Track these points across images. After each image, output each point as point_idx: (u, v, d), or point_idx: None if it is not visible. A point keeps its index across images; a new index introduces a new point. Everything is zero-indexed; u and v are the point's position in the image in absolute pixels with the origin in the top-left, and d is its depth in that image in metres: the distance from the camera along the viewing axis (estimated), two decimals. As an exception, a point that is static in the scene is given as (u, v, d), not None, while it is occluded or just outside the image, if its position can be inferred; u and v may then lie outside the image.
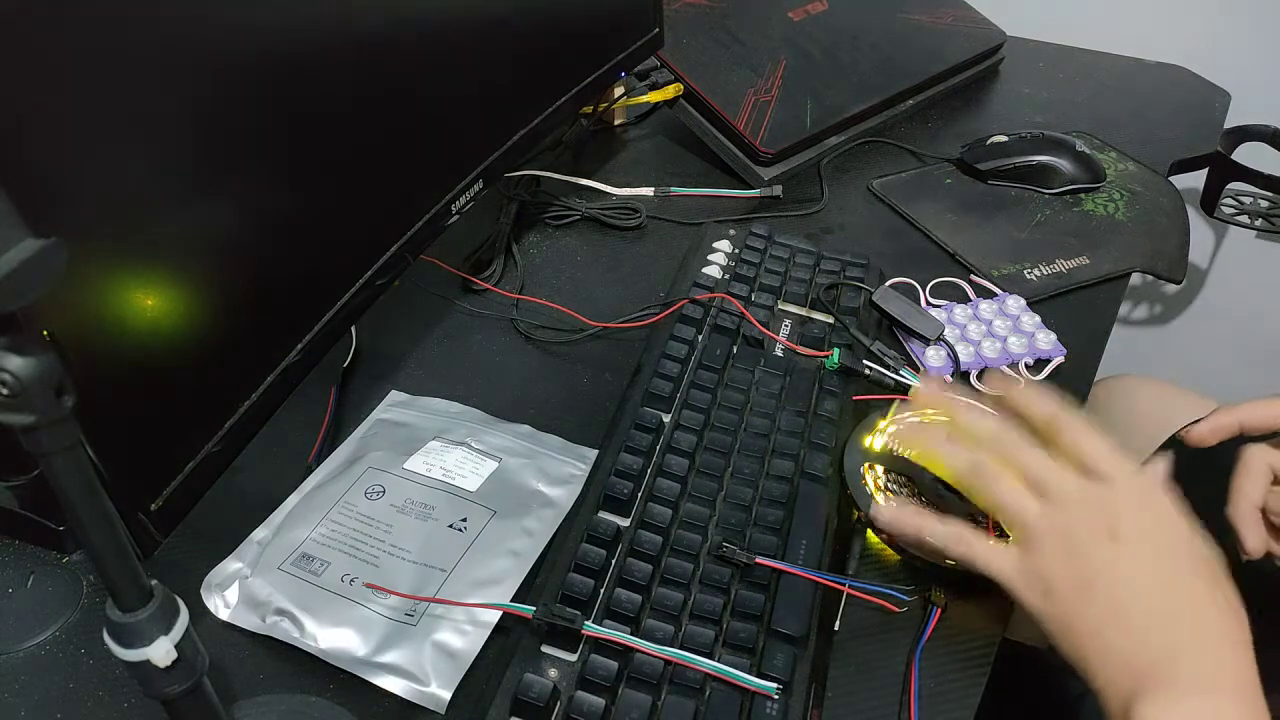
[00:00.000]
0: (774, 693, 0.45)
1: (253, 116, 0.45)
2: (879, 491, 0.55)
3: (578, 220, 0.83)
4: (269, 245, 0.48)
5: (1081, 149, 0.87)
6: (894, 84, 0.97)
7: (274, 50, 0.46)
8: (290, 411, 0.52)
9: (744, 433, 0.59)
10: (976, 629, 0.51)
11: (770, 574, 0.50)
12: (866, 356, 0.65)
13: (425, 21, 0.57)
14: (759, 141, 0.86)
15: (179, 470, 0.44)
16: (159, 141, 0.40)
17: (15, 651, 0.50)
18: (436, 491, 0.55)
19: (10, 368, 0.26)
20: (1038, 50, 1.14)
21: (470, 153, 0.66)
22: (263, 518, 0.55)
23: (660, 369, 0.62)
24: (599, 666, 0.45)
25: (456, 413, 0.63)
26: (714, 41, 0.91)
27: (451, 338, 0.71)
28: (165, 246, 0.42)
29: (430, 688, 0.47)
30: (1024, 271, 0.76)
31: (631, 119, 1.00)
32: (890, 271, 0.76)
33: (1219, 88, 1.07)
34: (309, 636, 0.49)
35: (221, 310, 0.46)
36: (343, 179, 0.53)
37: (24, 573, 0.53)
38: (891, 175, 0.90)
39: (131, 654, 0.34)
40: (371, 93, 0.54)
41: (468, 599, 0.50)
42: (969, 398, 0.62)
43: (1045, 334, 0.68)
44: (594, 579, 0.49)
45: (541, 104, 0.72)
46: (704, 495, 0.54)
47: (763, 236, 0.76)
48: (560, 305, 0.72)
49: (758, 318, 0.67)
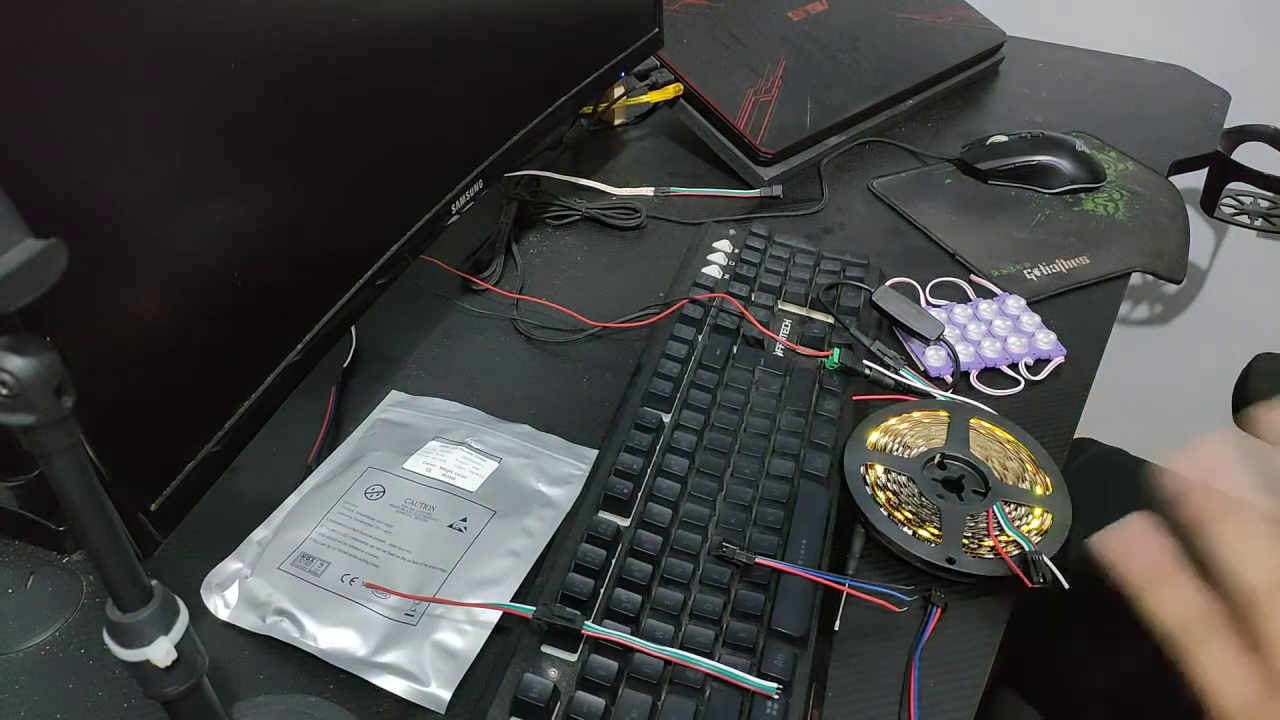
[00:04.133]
0: (774, 693, 0.45)
1: (252, 116, 0.45)
2: (879, 491, 0.55)
3: (578, 220, 0.83)
4: (269, 245, 0.48)
5: (1081, 149, 0.87)
6: (894, 84, 0.97)
7: (274, 50, 0.46)
8: (290, 411, 0.52)
9: (744, 433, 0.59)
10: (976, 629, 0.51)
11: (770, 574, 0.50)
12: (866, 356, 0.65)
13: (425, 21, 0.57)
14: (759, 141, 0.86)
15: (179, 470, 0.44)
16: (158, 141, 0.40)
17: (15, 651, 0.50)
18: (436, 491, 0.55)
19: (10, 368, 0.26)
20: (1038, 50, 1.14)
21: (470, 153, 0.66)
22: (263, 518, 0.55)
23: (660, 369, 0.62)
24: (599, 666, 0.45)
25: (456, 413, 0.63)
26: (714, 41, 0.91)
27: (451, 338, 0.71)
28: (165, 246, 0.42)
29: (430, 688, 0.47)
30: (1024, 271, 0.76)
31: (631, 119, 1.00)
32: (890, 271, 0.76)
33: (1219, 88, 1.07)
34: (309, 636, 0.49)
35: (221, 310, 0.46)
36: (342, 179, 0.53)
37: (24, 573, 0.53)
38: (891, 175, 0.90)
39: (131, 654, 0.34)
40: (371, 92, 0.54)
41: (468, 599, 0.50)
42: (968, 399, 0.62)
43: (1045, 334, 0.68)
44: (594, 579, 0.49)
45: (541, 104, 0.73)
46: (704, 495, 0.54)
47: (763, 236, 0.76)
48: (560, 305, 0.72)
49: (758, 318, 0.67)
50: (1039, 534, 0.53)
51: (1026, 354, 0.68)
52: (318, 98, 0.49)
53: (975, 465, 0.57)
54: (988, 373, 0.67)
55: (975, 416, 0.60)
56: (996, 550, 0.52)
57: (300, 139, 0.49)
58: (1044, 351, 0.68)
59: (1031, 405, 0.65)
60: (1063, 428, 0.63)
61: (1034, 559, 0.51)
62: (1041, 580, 0.50)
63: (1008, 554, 0.51)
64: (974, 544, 0.52)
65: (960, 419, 0.60)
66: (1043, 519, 0.54)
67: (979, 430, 0.59)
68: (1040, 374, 0.67)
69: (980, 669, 0.49)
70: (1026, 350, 0.68)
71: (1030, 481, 0.56)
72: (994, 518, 0.53)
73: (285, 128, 0.48)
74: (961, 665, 0.49)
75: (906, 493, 0.55)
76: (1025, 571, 0.50)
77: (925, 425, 0.60)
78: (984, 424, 0.60)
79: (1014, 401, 0.65)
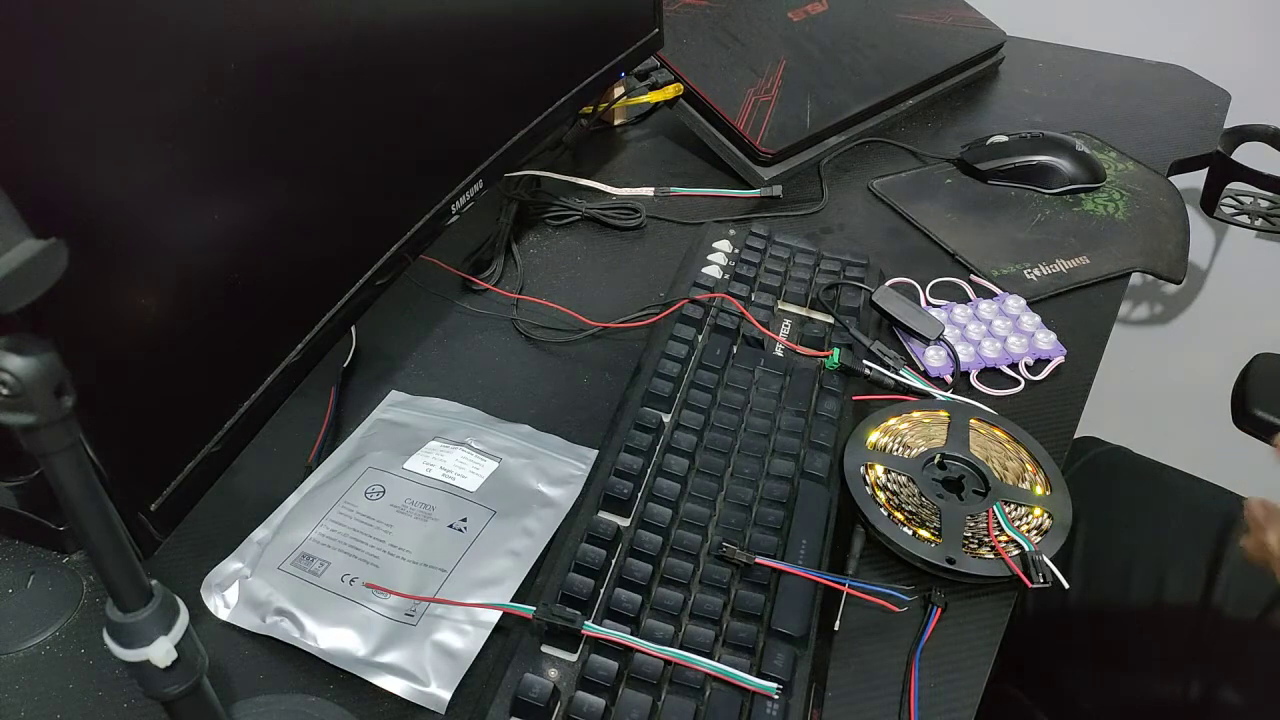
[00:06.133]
0: (774, 693, 0.45)
1: (252, 116, 0.45)
2: (879, 491, 0.55)
3: (578, 220, 0.83)
4: (269, 245, 0.48)
5: (1081, 149, 0.87)
6: (894, 84, 0.97)
7: (274, 50, 0.46)
8: (290, 411, 0.52)
9: (744, 433, 0.59)
10: (976, 629, 0.51)
11: (770, 574, 0.50)
12: (866, 356, 0.65)
13: (425, 21, 0.57)
14: (759, 141, 0.86)
15: (179, 470, 0.44)
16: (158, 141, 0.40)
17: (15, 651, 0.50)
18: (436, 491, 0.55)
19: (10, 368, 0.26)
20: (1038, 50, 1.14)
21: (470, 153, 0.66)
22: (263, 518, 0.55)
23: (660, 369, 0.62)
24: (599, 666, 0.45)
25: (456, 413, 0.63)
26: (714, 41, 0.91)
27: (451, 338, 0.71)
28: (165, 246, 0.42)
29: (430, 688, 0.47)
30: (1024, 271, 0.76)
31: (631, 119, 1.00)
32: (890, 271, 0.76)
33: (1219, 88, 1.07)
34: (309, 636, 0.49)
35: (222, 310, 0.46)
36: (342, 179, 0.53)
37: (24, 573, 0.53)
38: (891, 175, 0.90)
39: (131, 654, 0.34)
40: (371, 93, 0.54)
41: (468, 599, 0.50)
42: (968, 399, 0.62)
43: (1045, 334, 0.68)
44: (594, 579, 0.49)
45: (541, 104, 0.73)
46: (704, 495, 0.54)
47: (763, 236, 0.76)
48: (560, 305, 0.72)
49: (758, 318, 0.67)
50: (1039, 534, 0.53)
51: (1026, 354, 0.68)
52: (317, 98, 0.49)
53: (975, 465, 0.57)
54: (988, 373, 0.67)
55: (975, 416, 0.60)
56: (996, 550, 0.52)
57: (300, 139, 0.49)
58: (1044, 351, 0.68)
59: (1031, 405, 0.65)
60: (1063, 428, 0.63)
61: (1034, 559, 0.51)
62: (1042, 580, 0.50)
63: (1008, 554, 0.51)
64: (974, 544, 0.52)
65: (960, 419, 0.60)
66: (1043, 519, 0.54)
67: (979, 430, 0.59)
68: (1040, 374, 0.67)
69: (980, 669, 0.49)
70: (1026, 350, 0.68)
71: (1030, 481, 0.56)
72: (994, 518, 0.53)
73: (285, 128, 0.48)
74: (961, 665, 0.49)
75: (906, 493, 0.55)
76: (1025, 571, 0.50)
77: (925, 425, 0.60)
78: (984, 424, 0.60)
79: (1014, 401, 0.65)
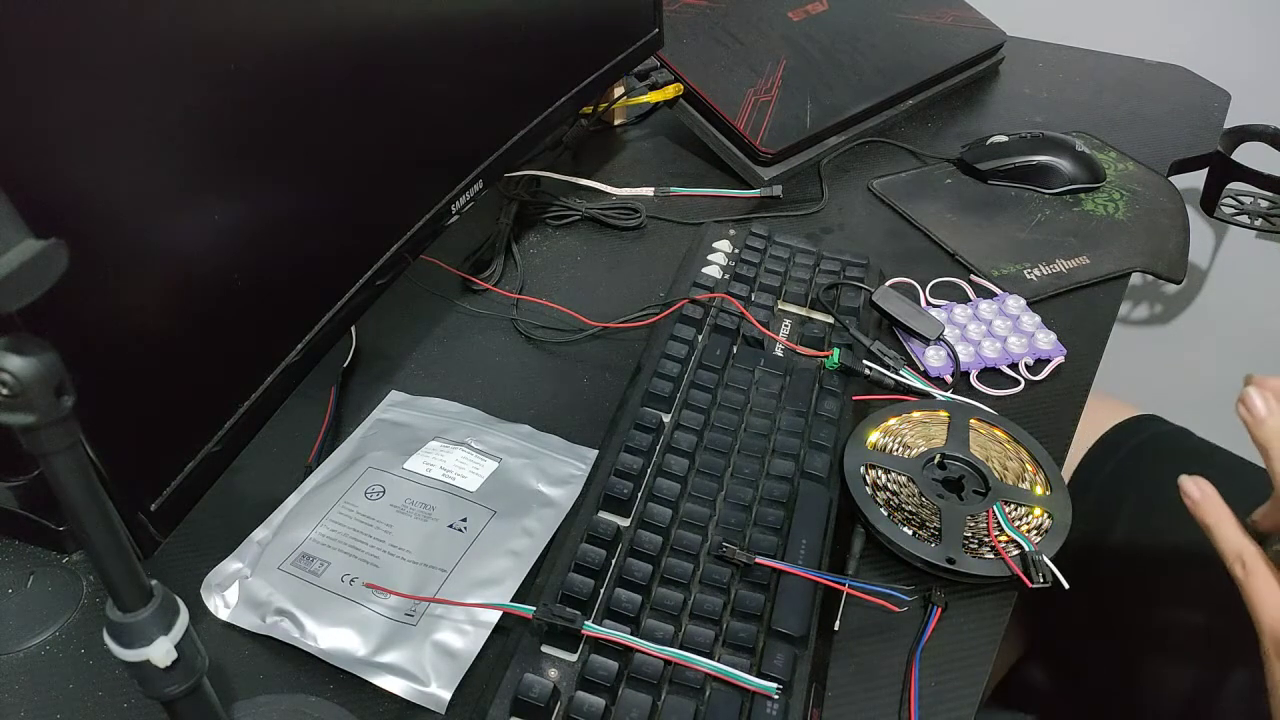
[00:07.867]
0: (774, 693, 0.45)
1: (252, 116, 0.45)
2: (879, 491, 0.55)
3: (578, 220, 0.83)
4: (269, 245, 0.48)
5: (1081, 149, 0.87)
6: (894, 84, 0.97)
7: (274, 50, 0.46)
8: (290, 411, 0.52)
9: (744, 433, 0.59)
10: (976, 629, 0.51)
11: (770, 574, 0.50)
12: (866, 356, 0.65)
13: (425, 21, 0.57)
14: (759, 141, 0.86)
15: (179, 470, 0.44)
16: (158, 141, 0.40)
17: (15, 651, 0.50)
18: (436, 491, 0.55)
19: (10, 368, 0.26)
20: (1038, 50, 1.14)
21: (470, 153, 0.66)
22: (263, 518, 0.55)
23: (660, 369, 0.62)
24: (599, 666, 0.45)
25: (456, 413, 0.63)
26: (714, 41, 0.91)
27: (451, 338, 0.71)
28: (165, 246, 0.42)
29: (430, 688, 0.47)
30: (1024, 271, 0.76)
31: (631, 119, 1.00)
32: (890, 271, 0.76)
33: (1219, 88, 1.07)
34: (309, 636, 0.49)
35: (222, 310, 0.46)
36: (342, 179, 0.53)
37: (24, 573, 0.53)
38: (891, 175, 0.90)
39: (131, 654, 0.34)
40: (371, 92, 0.54)
41: (468, 599, 0.50)
42: (968, 399, 0.62)
43: (1045, 334, 0.68)
44: (594, 579, 0.49)
45: (541, 104, 0.73)
46: (704, 495, 0.54)
47: (763, 236, 0.76)
48: (560, 305, 0.72)
49: (758, 318, 0.67)
50: (1039, 534, 0.53)
51: (1026, 354, 0.68)
52: (317, 98, 0.49)
53: (975, 465, 0.57)
54: (988, 373, 0.67)
55: (975, 416, 0.60)
56: (996, 550, 0.52)
57: (300, 139, 0.49)
58: (1044, 351, 0.68)
59: (1031, 405, 0.65)
60: (1063, 428, 0.63)
61: (1034, 559, 0.51)
62: (1042, 580, 0.50)
63: (1008, 554, 0.51)
64: (974, 544, 0.52)
65: (960, 419, 0.60)
66: (1043, 519, 0.54)
67: (979, 430, 0.59)
68: (1040, 374, 0.67)
69: (980, 669, 0.49)
70: (1026, 350, 0.68)
71: (1030, 482, 0.56)
72: (994, 518, 0.53)
73: (285, 128, 0.48)
74: (961, 665, 0.49)
75: (906, 493, 0.55)
76: (1025, 571, 0.50)
77: (925, 425, 0.60)
78: (984, 424, 0.60)
79: (1014, 401, 0.65)
